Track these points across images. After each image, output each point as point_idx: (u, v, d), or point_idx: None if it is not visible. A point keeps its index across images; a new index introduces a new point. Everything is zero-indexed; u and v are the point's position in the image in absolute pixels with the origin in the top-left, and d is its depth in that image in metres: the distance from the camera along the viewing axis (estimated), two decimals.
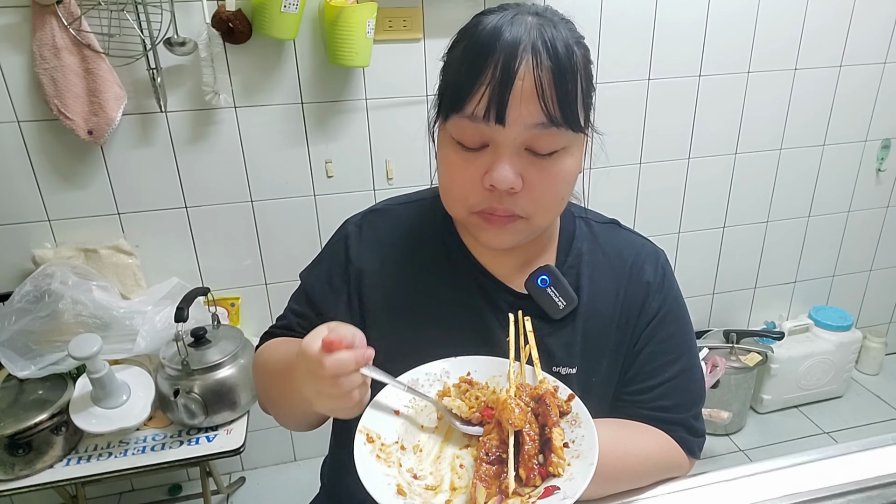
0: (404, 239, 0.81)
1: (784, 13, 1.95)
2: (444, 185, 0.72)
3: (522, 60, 0.61)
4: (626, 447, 0.71)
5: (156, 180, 1.69)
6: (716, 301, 2.34)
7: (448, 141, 0.68)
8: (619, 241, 0.82)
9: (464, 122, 0.65)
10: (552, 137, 0.64)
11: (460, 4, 1.67)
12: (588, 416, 0.62)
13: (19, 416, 1.34)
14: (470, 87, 0.63)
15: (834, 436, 2.24)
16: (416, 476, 0.61)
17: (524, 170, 0.65)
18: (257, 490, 2.02)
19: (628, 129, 1.99)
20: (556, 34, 0.64)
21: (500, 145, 0.64)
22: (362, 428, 0.62)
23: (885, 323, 2.61)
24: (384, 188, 1.84)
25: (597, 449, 0.57)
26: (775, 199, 2.22)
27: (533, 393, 0.63)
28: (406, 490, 0.57)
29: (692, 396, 0.80)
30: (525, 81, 0.61)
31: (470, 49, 0.64)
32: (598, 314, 0.77)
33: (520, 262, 0.78)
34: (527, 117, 0.62)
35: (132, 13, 1.48)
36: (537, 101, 0.62)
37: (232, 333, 1.54)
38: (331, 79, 1.70)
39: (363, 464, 0.58)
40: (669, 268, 0.82)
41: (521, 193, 0.66)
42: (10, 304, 1.44)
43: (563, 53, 0.63)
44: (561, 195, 0.70)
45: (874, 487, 0.66)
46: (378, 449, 0.62)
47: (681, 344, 0.80)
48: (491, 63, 0.62)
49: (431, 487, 0.60)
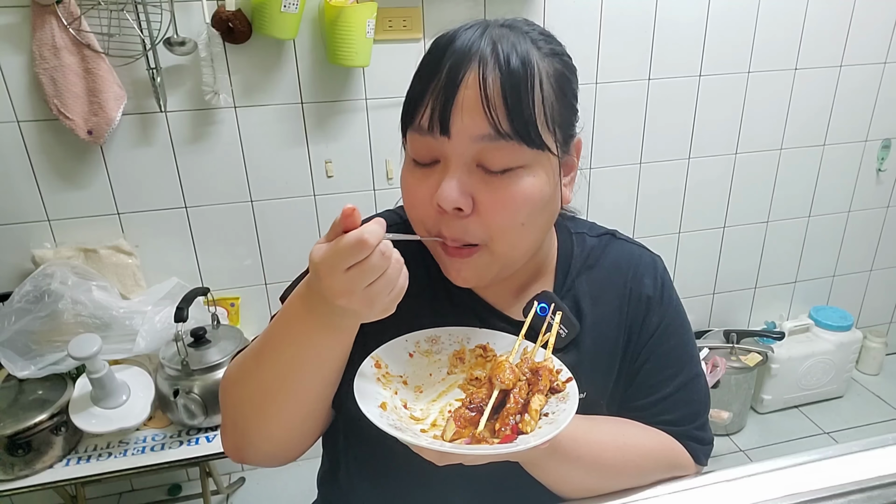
0: (403, 256, 0.76)
1: (784, 13, 1.95)
2: (406, 208, 0.68)
3: (469, 68, 0.58)
4: (625, 440, 0.70)
5: (155, 180, 1.69)
6: (716, 301, 2.34)
7: (407, 158, 0.65)
8: (616, 255, 0.79)
9: (415, 135, 0.62)
10: (503, 152, 0.59)
11: (460, 4, 1.67)
12: (576, 397, 0.61)
13: (19, 416, 1.34)
14: (419, 97, 0.60)
15: (834, 436, 2.24)
16: (406, 406, 0.63)
17: (475, 189, 0.60)
18: (257, 490, 2.02)
19: (628, 129, 1.99)
20: (518, 44, 0.59)
21: (449, 160, 0.60)
22: (374, 355, 0.65)
23: (886, 323, 2.61)
24: (384, 188, 1.84)
25: (570, 420, 0.56)
26: (775, 199, 2.22)
27: (532, 365, 0.64)
28: (389, 409, 0.60)
29: (696, 407, 0.78)
30: (469, 90, 0.58)
31: (424, 59, 0.62)
32: (603, 337, 0.74)
33: (514, 288, 0.75)
34: (471, 128, 0.58)
35: (132, 13, 1.48)
36: (482, 110, 0.57)
37: (232, 333, 1.54)
38: (331, 79, 1.70)
39: (362, 378, 0.61)
40: (668, 277, 0.80)
41: (472, 217, 0.61)
42: (10, 304, 1.44)
43: (516, 63, 0.58)
44: (520, 220, 0.62)
45: (875, 487, 0.66)
46: (382, 375, 0.64)
47: (682, 356, 0.78)
48: (438, 72, 0.59)
49: (415, 419, 0.62)
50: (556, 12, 1.78)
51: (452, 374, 0.69)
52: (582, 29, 1.81)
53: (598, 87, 1.89)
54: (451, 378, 0.69)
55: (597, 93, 1.89)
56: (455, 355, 0.70)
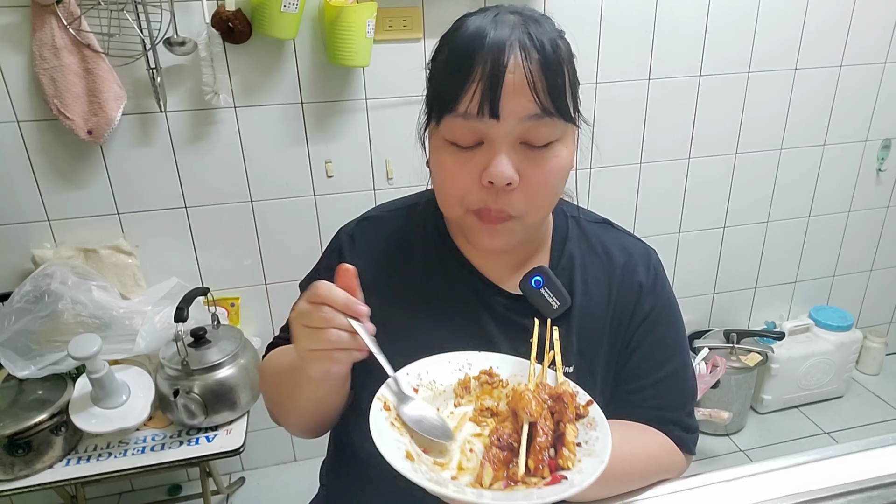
0: (397, 245, 0.82)
1: (784, 13, 1.95)
2: (439, 187, 0.72)
3: (511, 55, 0.63)
4: (632, 449, 0.71)
5: (155, 180, 1.68)
6: (716, 301, 2.34)
7: (441, 143, 0.69)
8: (610, 242, 0.83)
9: (457, 121, 0.65)
10: (546, 128, 0.65)
11: (460, 4, 1.67)
12: (604, 420, 0.62)
13: (19, 416, 1.33)
14: (461, 85, 0.64)
15: (834, 436, 2.24)
16: (425, 450, 0.61)
17: (520, 164, 0.66)
18: (257, 490, 2.02)
19: (628, 129, 1.99)
20: (541, 30, 0.65)
21: (496, 141, 0.65)
22: (380, 396, 0.63)
23: (886, 323, 2.61)
24: (384, 188, 1.84)
25: (609, 450, 0.57)
26: (775, 199, 2.22)
27: (552, 392, 0.64)
28: (415, 458, 0.58)
29: (685, 396, 0.82)
30: (515, 75, 0.62)
31: (457, 50, 0.65)
32: (591, 315, 0.78)
33: (513, 264, 0.79)
34: (520, 110, 0.63)
35: (132, 13, 1.48)
36: (529, 92, 0.63)
37: (232, 333, 1.54)
38: (331, 79, 1.70)
39: (377, 427, 0.58)
40: (661, 268, 0.83)
41: (517, 190, 0.67)
42: (10, 304, 1.44)
43: (549, 47, 0.64)
44: (555, 190, 0.71)
45: (875, 487, 0.66)
46: (394, 418, 0.62)
47: (673, 344, 0.81)
48: (480, 60, 0.63)
49: (440, 464, 0.60)
50: (555, 12, 1.76)
51: (460, 406, 0.68)
52: (582, 29, 1.81)
53: (598, 87, 1.89)
54: (460, 410, 0.68)
55: (597, 93, 1.89)
56: (460, 385, 0.69)
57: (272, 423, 0.85)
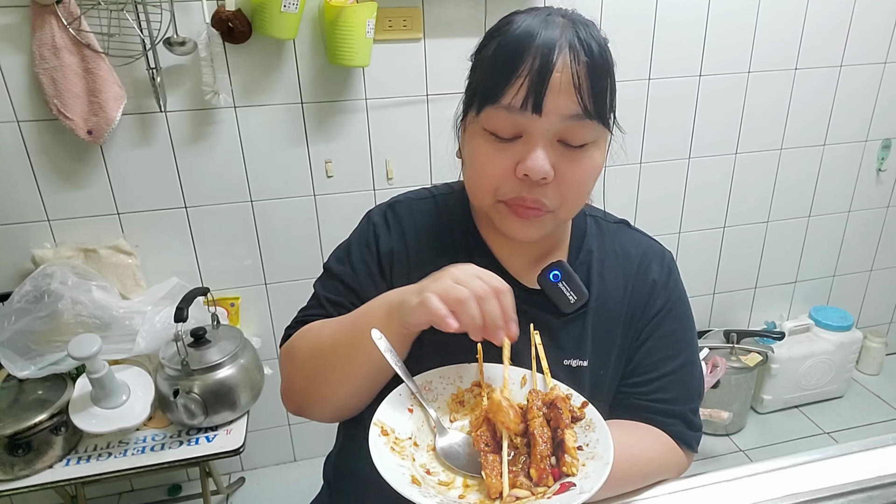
0: (425, 231, 0.83)
1: (784, 13, 1.95)
2: (473, 175, 0.73)
3: (560, 55, 0.64)
4: (632, 450, 0.71)
5: (155, 180, 1.68)
6: (716, 301, 2.34)
7: (479, 133, 0.70)
8: (627, 241, 0.85)
9: (499, 112, 0.67)
10: (584, 130, 0.67)
11: (460, 4, 1.67)
12: (602, 420, 0.62)
13: (19, 416, 1.33)
14: (507, 78, 0.65)
15: (834, 436, 2.24)
16: (428, 472, 0.61)
17: (556, 161, 0.67)
18: (257, 490, 2.02)
19: (628, 130, 1.95)
20: (590, 34, 0.67)
21: (535, 135, 0.66)
22: (377, 421, 0.63)
23: (886, 323, 2.61)
24: (384, 188, 1.84)
25: (612, 450, 0.57)
26: (775, 199, 2.22)
27: (545, 398, 0.64)
28: (420, 481, 0.57)
29: (691, 391, 0.82)
30: (563, 74, 0.64)
31: (506, 45, 0.67)
32: (606, 310, 0.79)
33: (534, 258, 0.81)
34: (563, 108, 0.65)
35: (132, 13, 1.48)
36: (574, 92, 0.65)
37: (232, 333, 1.54)
38: (331, 79, 1.70)
39: (378, 453, 0.58)
40: (675, 267, 0.85)
41: (551, 185, 0.68)
42: (10, 304, 1.44)
43: (597, 51, 0.67)
44: (587, 188, 0.73)
45: (875, 487, 0.66)
46: (392, 442, 0.62)
47: (682, 340, 0.82)
48: (528, 56, 0.64)
49: (444, 483, 0.60)
50: None
51: (456, 421, 0.68)
52: None
53: None
54: (456, 426, 0.67)
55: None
56: (454, 399, 0.69)
57: (272, 424, 0.84)
